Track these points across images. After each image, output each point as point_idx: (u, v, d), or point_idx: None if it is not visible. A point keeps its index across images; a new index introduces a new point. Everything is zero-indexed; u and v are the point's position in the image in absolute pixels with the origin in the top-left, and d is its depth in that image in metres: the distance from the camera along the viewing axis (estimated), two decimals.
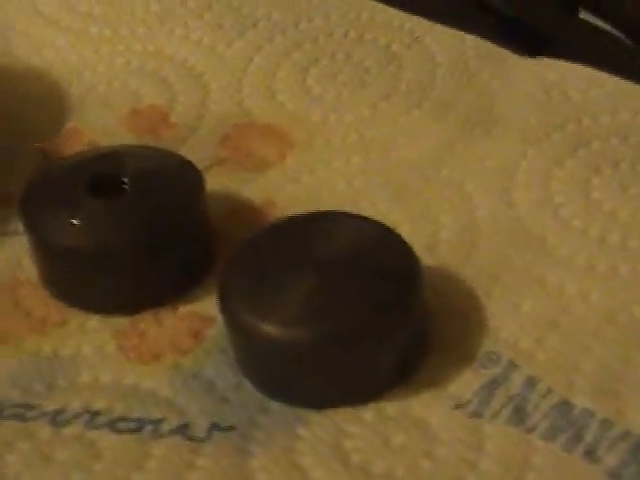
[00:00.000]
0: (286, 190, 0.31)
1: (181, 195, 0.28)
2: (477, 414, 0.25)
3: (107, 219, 0.27)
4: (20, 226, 0.29)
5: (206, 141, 0.32)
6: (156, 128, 0.33)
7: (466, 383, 0.26)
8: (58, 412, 0.26)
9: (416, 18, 0.35)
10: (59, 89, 0.34)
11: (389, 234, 0.27)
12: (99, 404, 0.26)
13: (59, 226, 0.27)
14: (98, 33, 0.36)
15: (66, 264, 0.28)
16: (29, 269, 0.29)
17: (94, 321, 0.28)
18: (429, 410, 0.25)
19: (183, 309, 0.28)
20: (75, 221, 0.27)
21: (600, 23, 0.33)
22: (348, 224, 0.27)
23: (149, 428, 0.25)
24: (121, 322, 0.28)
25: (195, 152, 0.31)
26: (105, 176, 0.28)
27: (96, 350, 0.27)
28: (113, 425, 0.25)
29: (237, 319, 0.25)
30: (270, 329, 0.25)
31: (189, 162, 0.29)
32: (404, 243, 0.26)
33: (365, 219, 0.27)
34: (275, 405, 0.25)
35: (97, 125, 0.33)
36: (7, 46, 0.36)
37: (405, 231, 0.27)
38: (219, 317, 0.27)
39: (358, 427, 0.25)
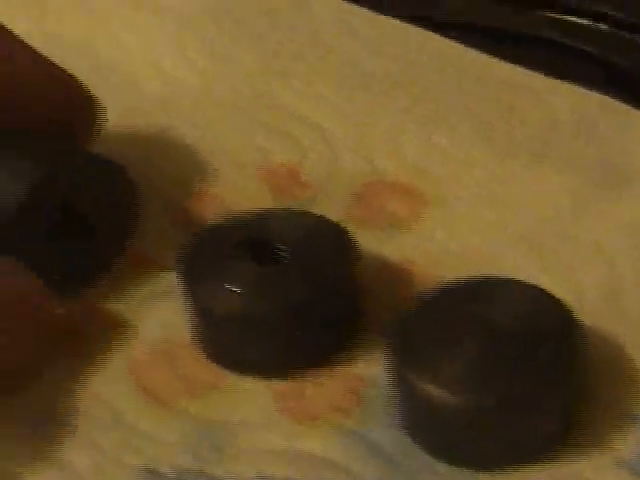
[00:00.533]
0: (424, 248, 0.31)
1: (336, 261, 0.29)
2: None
3: (264, 285, 0.28)
4: (170, 287, 0.31)
5: (338, 200, 0.33)
6: (290, 187, 0.34)
7: (627, 440, 0.26)
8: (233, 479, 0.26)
9: (536, 74, 0.36)
10: (186, 148, 0.35)
11: (547, 297, 0.27)
12: (271, 469, 0.26)
13: (217, 292, 0.28)
14: (220, 90, 0.37)
15: (223, 329, 0.28)
16: (182, 330, 0.30)
17: (252, 383, 0.28)
18: (596, 470, 0.26)
19: (340, 368, 0.28)
20: (232, 287, 0.28)
21: None
22: (509, 289, 0.28)
23: None
24: (279, 383, 0.28)
25: (328, 211, 0.32)
26: (260, 241, 0.29)
27: (259, 413, 0.28)
28: None
29: (406, 380, 0.26)
30: (440, 393, 0.25)
31: (341, 227, 0.29)
32: (561, 305, 0.27)
33: (525, 284, 0.28)
34: (443, 467, 0.26)
35: (230, 185, 0.34)
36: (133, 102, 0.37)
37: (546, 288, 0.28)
38: (377, 376, 0.28)
39: None
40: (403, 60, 0.37)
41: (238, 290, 0.28)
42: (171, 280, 0.31)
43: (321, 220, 0.30)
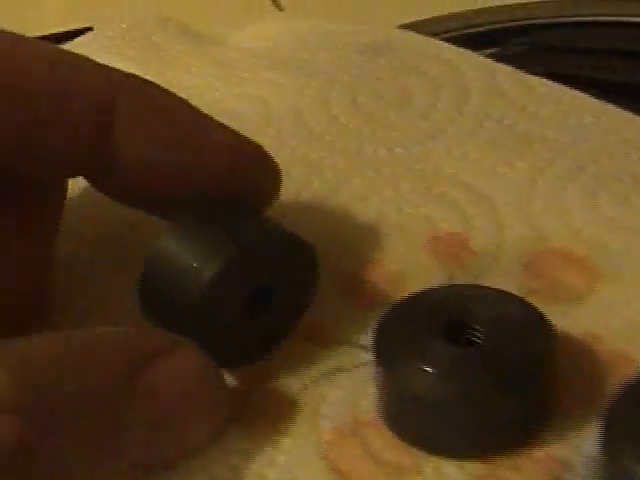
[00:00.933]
0: (606, 322, 0.31)
1: (533, 345, 0.28)
2: None
3: (459, 367, 0.28)
4: (343, 363, 0.30)
5: (510, 270, 0.33)
6: (459, 256, 0.33)
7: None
8: None
9: None
10: (349, 215, 0.35)
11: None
12: None
13: (413, 372, 0.28)
14: (372, 152, 0.37)
15: (417, 409, 0.28)
16: (366, 409, 0.29)
17: (449, 467, 0.28)
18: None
19: (539, 452, 0.28)
20: (427, 368, 0.28)
21: None
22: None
23: None
24: (476, 467, 0.28)
25: (501, 282, 0.32)
26: (456, 321, 0.28)
27: None
28: None
29: (622, 464, 0.26)
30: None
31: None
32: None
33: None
34: None
35: (398, 254, 0.33)
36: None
37: None
38: (576, 460, 0.27)
39: None
40: (559, 123, 0.37)
41: (433, 371, 0.28)
42: (344, 356, 0.31)
43: (515, 300, 0.29)
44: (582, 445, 0.28)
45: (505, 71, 0.39)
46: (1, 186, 0.31)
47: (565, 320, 0.31)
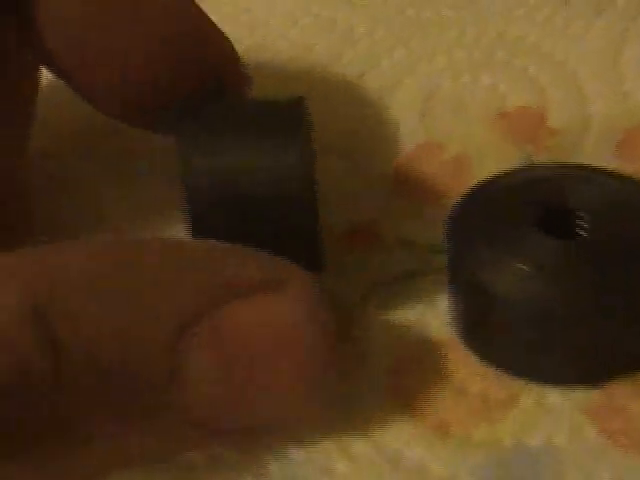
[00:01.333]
0: None
1: None
2: None
3: (569, 267, 0.21)
4: (417, 264, 0.24)
5: (599, 151, 0.26)
6: (536, 136, 0.27)
7: None
8: None
9: None
10: (393, 91, 0.28)
11: None
12: None
13: (505, 273, 0.21)
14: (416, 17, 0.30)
15: (514, 324, 0.22)
16: (438, 324, 0.23)
17: (554, 396, 0.22)
18: None
19: None
20: (527, 267, 0.21)
21: None
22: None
23: None
24: (590, 397, 0.22)
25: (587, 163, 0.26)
26: (555, 209, 0.22)
27: (573, 438, 0.21)
28: None
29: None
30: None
31: None
32: None
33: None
34: None
35: (457, 135, 0.27)
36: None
37: None
38: None
39: None
40: None
41: (530, 269, 0.21)
42: (407, 261, 0.25)
43: (626, 180, 0.23)
44: None
45: None
46: None
47: None
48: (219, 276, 0.19)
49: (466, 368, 0.22)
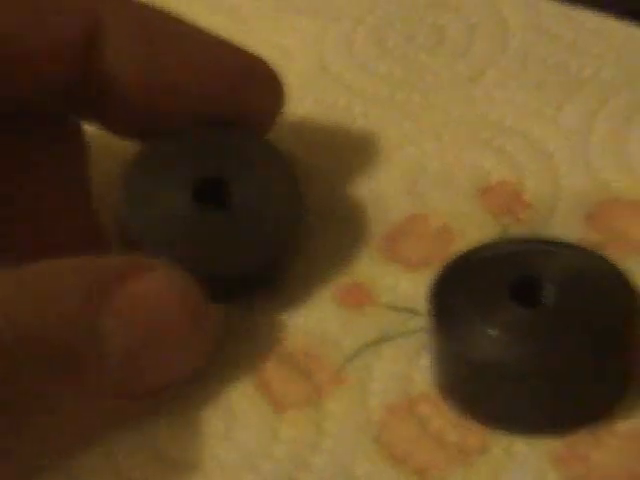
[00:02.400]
0: None
1: (614, 305, 0.24)
2: None
3: (534, 332, 0.24)
4: (398, 326, 0.27)
5: (569, 222, 0.29)
6: (512, 208, 0.29)
7: None
8: None
9: None
10: (386, 167, 0.31)
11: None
12: None
13: (477, 337, 0.24)
14: (406, 97, 0.33)
15: (486, 381, 0.24)
16: (421, 380, 0.26)
17: (521, 445, 0.24)
18: None
19: (622, 426, 0.24)
20: (497, 332, 0.24)
21: None
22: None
23: None
24: (554, 445, 0.24)
25: (560, 235, 0.28)
26: (527, 279, 0.25)
27: None
28: None
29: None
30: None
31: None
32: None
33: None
34: None
35: (441, 207, 0.30)
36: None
37: None
38: None
39: None
40: (613, 61, 0.33)
41: (500, 335, 0.24)
42: (390, 323, 0.27)
43: (590, 254, 0.26)
44: None
45: (548, 4, 0.35)
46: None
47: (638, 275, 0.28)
48: (115, 260, 0.25)
49: (444, 419, 0.25)
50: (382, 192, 0.30)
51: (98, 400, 0.24)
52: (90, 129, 0.30)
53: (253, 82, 0.29)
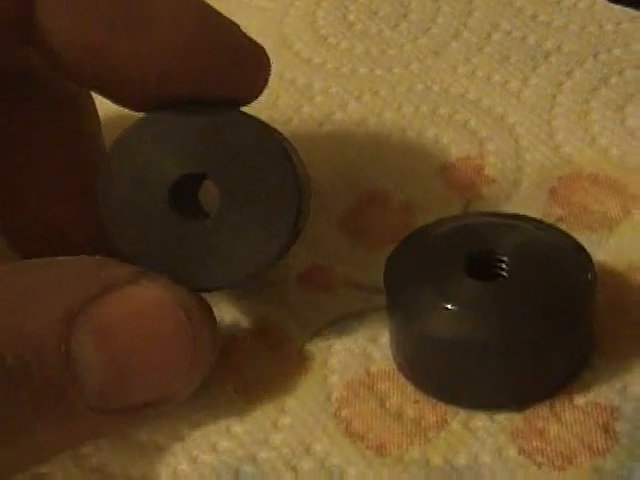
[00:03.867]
0: None
1: (571, 279, 0.25)
2: None
3: (490, 305, 0.24)
4: (359, 304, 0.27)
5: (532, 197, 0.29)
6: (474, 184, 0.30)
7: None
8: None
9: None
10: (347, 142, 0.31)
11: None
12: None
13: (435, 313, 0.24)
14: (368, 71, 0.33)
15: (443, 355, 0.25)
16: (380, 357, 0.26)
17: (480, 420, 0.24)
18: None
19: (580, 399, 0.25)
20: (452, 307, 0.24)
21: None
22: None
23: None
24: (511, 419, 0.24)
25: (523, 210, 0.28)
26: (483, 253, 0.25)
27: (495, 456, 0.24)
28: None
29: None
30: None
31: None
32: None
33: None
34: None
35: (402, 184, 0.30)
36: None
37: None
38: (627, 407, 0.24)
39: None
40: (576, 32, 0.33)
41: (456, 308, 0.24)
42: (350, 301, 0.27)
43: (545, 227, 0.26)
44: (629, 388, 0.25)
45: None
46: None
47: (599, 250, 0.28)
48: (91, 275, 0.23)
49: (403, 396, 0.25)
50: (343, 169, 0.31)
51: (79, 416, 0.23)
52: None
53: (220, 43, 0.26)
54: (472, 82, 0.32)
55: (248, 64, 0.26)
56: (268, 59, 0.27)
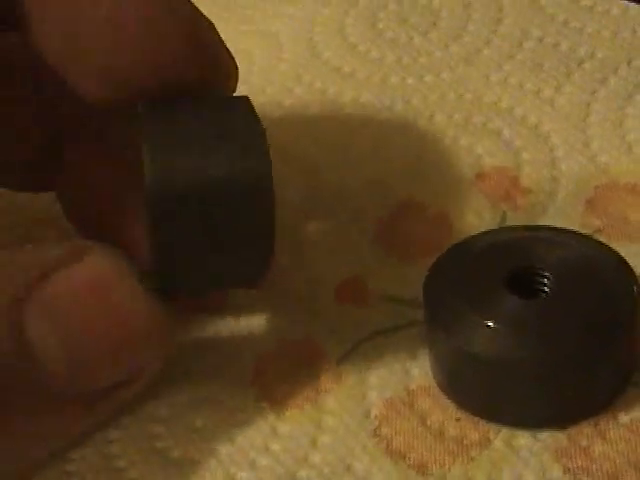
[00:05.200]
0: None
1: (614, 296, 0.24)
2: None
3: (532, 323, 0.24)
4: (396, 319, 0.26)
5: (569, 208, 0.28)
6: (510, 194, 0.29)
7: None
8: None
9: None
10: (379, 152, 0.31)
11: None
12: None
13: (473, 329, 0.24)
14: (400, 83, 0.33)
15: (484, 373, 0.24)
16: (420, 374, 0.25)
17: (523, 438, 0.24)
18: None
19: (624, 417, 0.24)
20: (493, 324, 0.24)
21: None
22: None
23: None
24: (555, 438, 0.24)
25: (560, 221, 0.28)
26: (524, 269, 0.24)
27: (539, 475, 0.23)
28: None
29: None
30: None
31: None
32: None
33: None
34: None
35: (437, 194, 0.29)
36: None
37: None
38: None
39: None
40: (609, 38, 0.32)
41: (498, 326, 0.24)
42: (387, 315, 0.27)
43: (588, 241, 0.25)
44: None
45: None
46: None
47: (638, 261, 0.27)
48: (31, 260, 0.23)
49: (444, 413, 0.24)
50: (377, 180, 0.30)
51: (49, 408, 0.23)
52: None
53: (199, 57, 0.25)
54: (505, 90, 0.32)
55: (218, 72, 0.25)
56: (236, 69, 0.26)
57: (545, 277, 0.24)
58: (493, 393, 0.24)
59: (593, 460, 0.23)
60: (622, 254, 0.25)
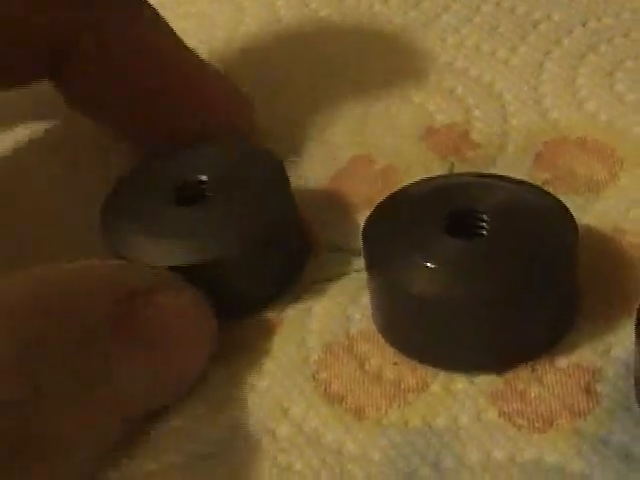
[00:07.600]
0: (633, 214, 0.26)
1: (554, 234, 0.23)
2: None
3: (471, 263, 0.22)
4: (339, 267, 0.25)
5: (518, 161, 0.27)
6: (459, 148, 0.28)
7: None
8: None
9: None
10: (338, 109, 0.29)
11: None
12: None
13: (414, 271, 0.22)
14: (358, 38, 0.31)
15: (423, 316, 0.22)
16: (360, 319, 0.24)
17: (460, 382, 0.22)
18: None
19: (562, 361, 0.23)
20: (431, 265, 0.22)
21: None
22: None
23: None
24: (492, 382, 0.22)
25: (508, 173, 0.26)
26: (464, 212, 0.23)
27: (475, 419, 0.22)
28: None
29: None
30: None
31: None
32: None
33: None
34: None
35: (386, 148, 0.28)
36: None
37: None
38: (608, 369, 0.22)
39: None
40: (565, 1, 0.31)
41: (436, 267, 0.22)
42: (331, 263, 0.25)
43: (528, 187, 0.24)
44: (612, 350, 0.23)
45: None
46: None
47: (584, 213, 0.26)
48: (125, 283, 0.22)
49: (383, 358, 0.23)
50: (327, 135, 0.29)
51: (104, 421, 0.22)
52: None
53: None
54: (460, 52, 0.30)
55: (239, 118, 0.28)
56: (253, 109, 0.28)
57: (485, 220, 0.23)
58: (431, 336, 0.23)
59: (528, 403, 0.22)
60: (568, 206, 0.24)
